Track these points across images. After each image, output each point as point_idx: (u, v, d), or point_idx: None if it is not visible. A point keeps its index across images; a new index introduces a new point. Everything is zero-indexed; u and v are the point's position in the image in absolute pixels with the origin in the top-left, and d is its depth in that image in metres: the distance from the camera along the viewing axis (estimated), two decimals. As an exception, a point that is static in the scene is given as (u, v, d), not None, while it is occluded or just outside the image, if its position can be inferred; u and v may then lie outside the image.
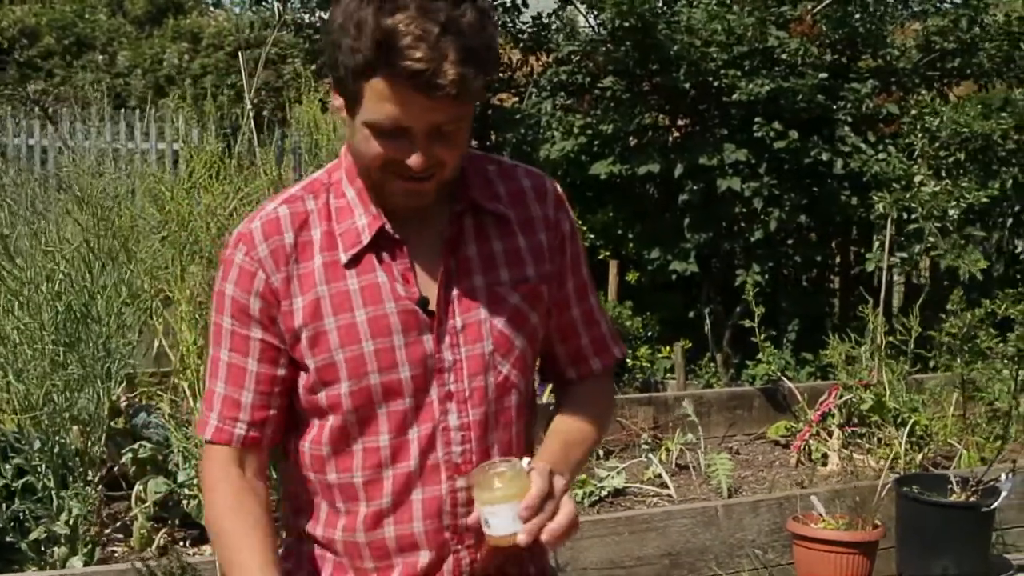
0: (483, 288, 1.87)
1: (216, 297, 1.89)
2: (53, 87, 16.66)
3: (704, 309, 8.05)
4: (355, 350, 1.81)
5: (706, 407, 6.34)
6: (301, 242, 1.85)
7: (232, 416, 1.86)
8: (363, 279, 1.83)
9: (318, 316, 1.82)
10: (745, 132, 7.63)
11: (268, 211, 1.89)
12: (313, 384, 1.84)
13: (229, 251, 1.88)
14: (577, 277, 2.02)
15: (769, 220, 7.67)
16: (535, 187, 1.97)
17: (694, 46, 7.50)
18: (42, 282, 3.70)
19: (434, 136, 1.72)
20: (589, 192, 8.27)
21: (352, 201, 1.87)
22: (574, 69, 8.32)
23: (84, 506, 3.85)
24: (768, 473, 5.81)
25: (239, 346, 1.86)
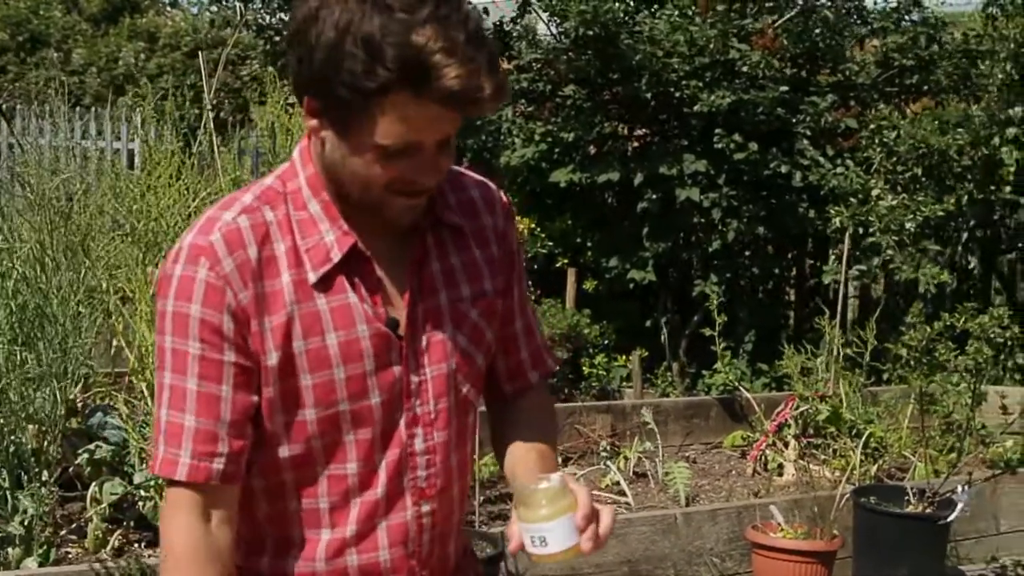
0: (446, 306, 1.78)
1: (172, 319, 1.66)
2: (7, 83, 16.47)
3: (661, 318, 8.08)
4: (325, 376, 1.69)
5: (663, 416, 6.36)
6: (266, 257, 1.68)
7: (209, 451, 1.66)
8: (333, 299, 1.70)
9: (288, 338, 1.67)
10: (705, 143, 7.68)
11: (226, 221, 1.69)
12: (274, 408, 1.69)
13: (183, 267, 1.66)
14: (520, 288, 1.94)
15: (727, 231, 7.71)
16: (484, 197, 1.87)
17: (656, 56, 7.54)
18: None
19: (441, 147, 1.64)
20: (548, 199, 8.28)
21: (316, 215, 1.71)
22: (535, 77, 8.34)
23: (40, 507, 3.79)
24: (725, 482, 5.84)
25: (211, 372, 1.66)
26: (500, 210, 1.88)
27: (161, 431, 1.67)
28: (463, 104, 1.56)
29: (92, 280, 4.16)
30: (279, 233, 1.69)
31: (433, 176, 1.65)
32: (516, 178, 8.21)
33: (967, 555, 5.24)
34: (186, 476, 1.65)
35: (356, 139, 1.60)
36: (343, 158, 1.64)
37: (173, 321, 1.65)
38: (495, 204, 1.88)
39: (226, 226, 1.67)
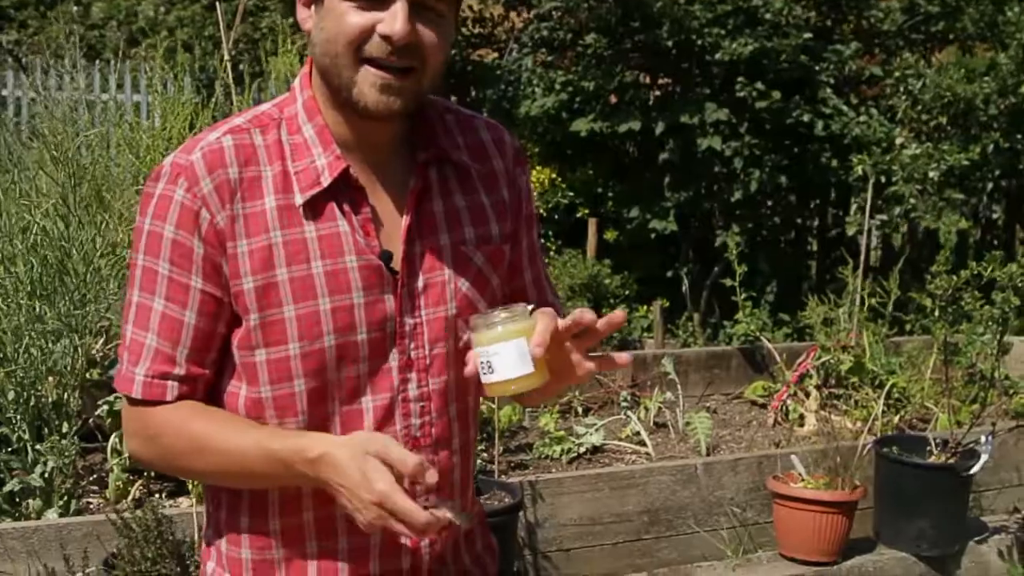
0: (448, 247, 1.71)
1: (146, 237, 1.62)
2: (27, 37, 16.44)
3: (682, 268, 8.04)
4: (309, 306, 1.62)
5: (684, 366, 6.33)
6: (248, 177, 1.63)
7: (163, 372, 1.63)
8: (322, 227, 1.63)
9: (269, 265, 1.61)
10: (727, 92, 7.61)
11: (209, 140, 1.64)
12: (252, 341, 1.63)
13: (163, 184, 1.62)
14: (529, 237, 1.87)
15: (749, 181, 7.65)
16: (495, 140, 1.81)
17: (677, 4, 7.45)
18: (16, 235, 3.61)
19: (417, 10, 1.58)
20: (569, 149, 8.24)
21: (310, 139, 1.66)
22: (555, 25, 8.26)
23: (60, 459, 3.79)
24: (745, 433, 5.81)
25: (176, 295, 1.62)
26: (511, 154, 1.82)
27: (125, 347, 1.66)
28: None
29: (111, 233, 4.15)
30: (267, 157, 1.65)
31: (401, 30, 1.56)
32: (536, 128, 8.16)
33: (989, 506, 5.20)
34: (141, 393, 1.63)
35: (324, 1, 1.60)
36: (322, 27, 1.61)
37: (147, 239, 1.62)
38: (506, 147, 1.82)
39: (208, 146, 1.63)
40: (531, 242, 1.87)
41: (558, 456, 5.20)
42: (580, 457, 5.26)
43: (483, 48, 10.15)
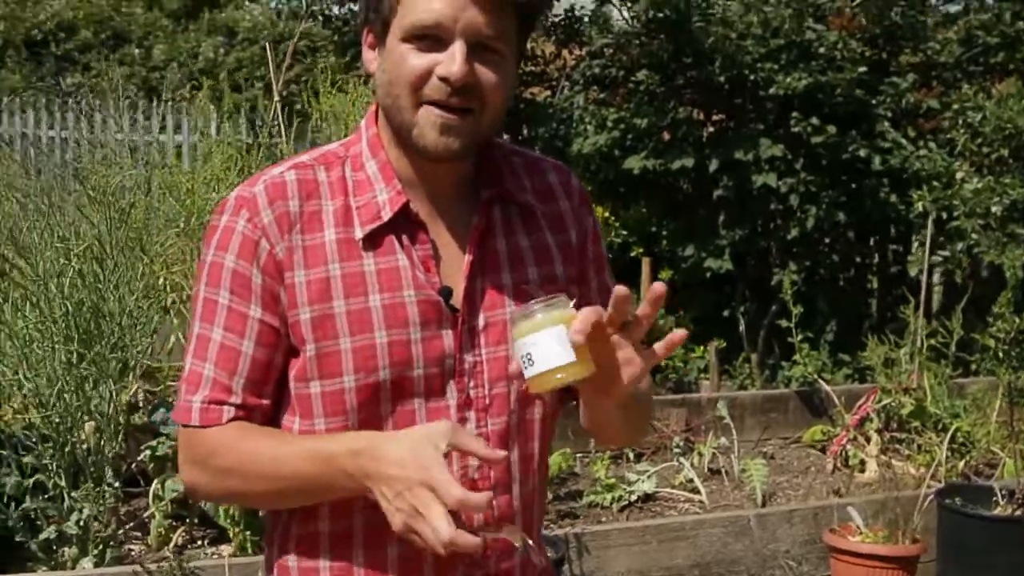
0: (510, 286, 1.69)
1: (209, 268, 1.65)
2: (89, 80, 16.68)
3: (739, 308, 7.87)
4: (365, 339, 1.61)
5: (740, 410, 6.18)
6: (308, 211, 1.64)
7: (219, 399, 1.63)
8: (381, 261, 1.64)
9: (326, 296, 1.61)
10: (782, 127, 7.46)
11: (273, 174, 1.68)
12: (308, 373, 1.62)
13: (227, 217, 1.65)
14: (600, 279, 1.83)
15: (806, 218, 7.48)
16: (562, 182, 1.81)
17: (729, 39, 7.33)
18: (52, 278, 3.58)
19: (476, 51, 1.58)
20: (622, 187, 8.12)
21: (373, 175, 1.67)
22: (607, 62, 8.17)
23: (95, 506, 3.75)
24: (803, 479, 5.64)
25: (235, 324, 1.63)
26: (577, 196, 1.81)
27: (184, 379, 1.66)
28: None
29: (150, 276, 4.11)
30: (329, 192, 1.66)
31: (460, 71, 1.56)
32: (589, 166, 8.06)
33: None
34: (198, 419, 1.63)
35: (390, 36, 1.60)
36: (385, 69, 1.62)
37: (209, 270, 1.65)
38: (572, 189, 1.81)
39: (271, 179, 1.66)
40: (602, 283, 1.83)
41: (608, 504, 5.08)
42: (631, 505, 5.13)
43: (536, 86, 10.09)
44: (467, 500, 1.44)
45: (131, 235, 3.88)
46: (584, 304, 1.74)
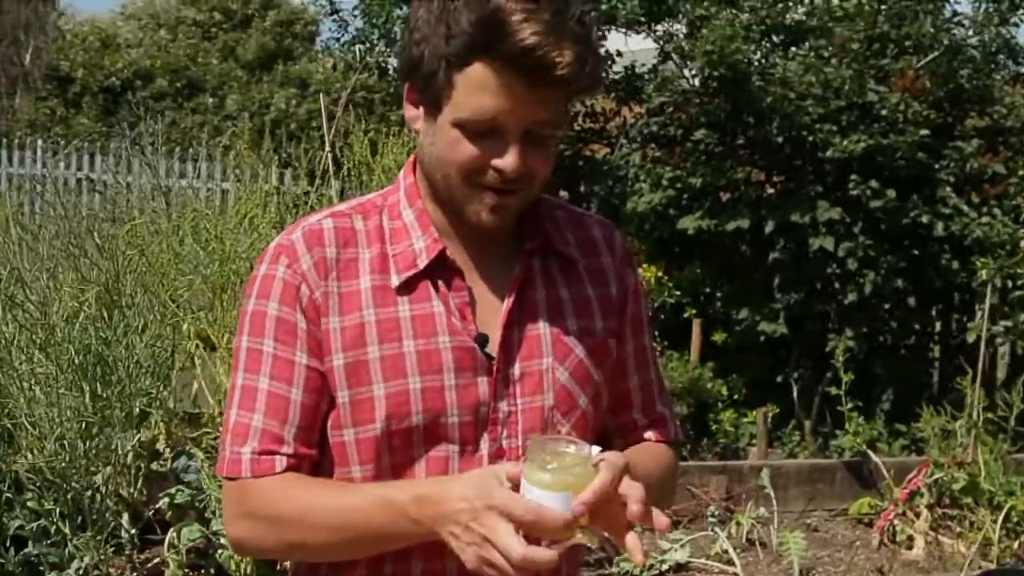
0: (548, 336, 1.67)
1: (250, 318, 1.64)
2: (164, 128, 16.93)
3: (792, 374, 7.65)
4: (399, 385, 1.60)
5: (784, 479, 5.97)
6: (345, 258, 1.64)
7: (271, 449, 1.60)
8: (416, 307, 1.63)
9: (360, 343, 1.60)
10: (840, 190, 7.28)
11: (311, 222, 1.68)
12: (342, 420, 1.61)
13: (267, 266, 1.65)
14: (638, 341, 1.80)
15: (864, 283, 7.27)
16: (605, 237, 1.79)
17: (788, 99, 7.19)
18: (59, 323, 3.54)
19: (529, 140, 1.56)
20: (676, 247, 7.97)
21: (410, 224, 1.67)
22: (666, 120, 8.06)
23: (96, 554, 3.66)
24: (846, 554, 5.41)
25: (282, 372, 1.61)
26: (620, 252, 1.80)
27: (228, 431, 1.63)
28: (537, 68, 1.50)
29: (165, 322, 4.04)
30: (366, 241, 1.66)
31: (515, 165, 1.56)
32: (643, 224, 7.93)
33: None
34: (250, 471, 1.59)
35: (442, 116, 1.57)
36: (432, 142, 1.61)
37: (251, 320, 1.64)
38: (615, 245, 1.80)
39: (309, 226, 1.66)
40: (640, 345, 1.81)
41: (639, 574, 4.90)
42: (662, 575, 4.94)
43: (595, 143, 10.02)
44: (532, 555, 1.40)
45: (147, 281, 3.83)
46: (619, 366, 1.76)
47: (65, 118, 17.02)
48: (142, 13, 20.14)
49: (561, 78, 1.51)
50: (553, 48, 1.49)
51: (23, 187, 6.35)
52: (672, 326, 7.91)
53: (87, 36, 18.82)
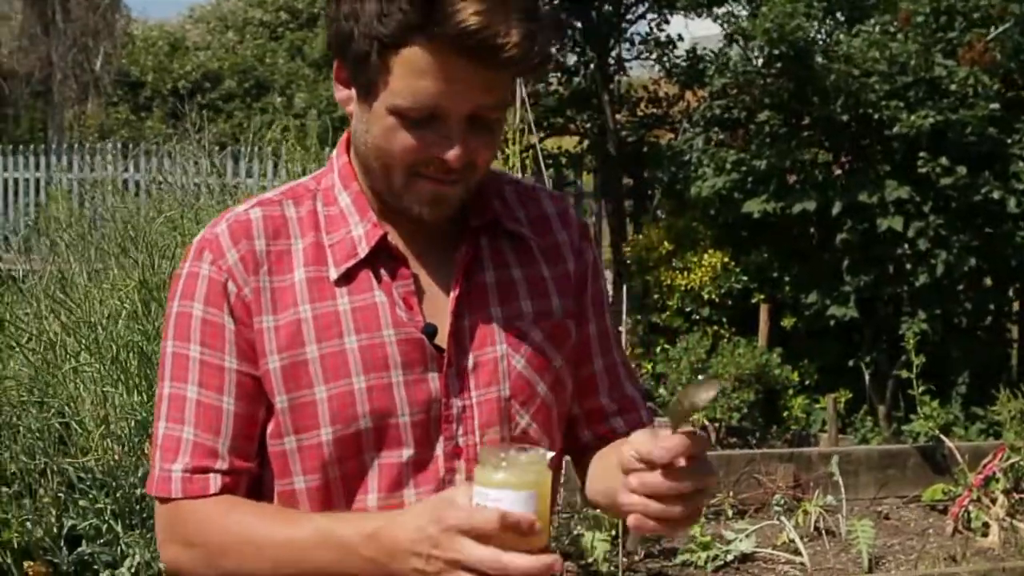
0: (500, 321, 1.54)
1: (175, 321, 1.50)
2: (232, 128, 17.08)
3: (864, 358, 7.47)
4: (342, 386, 1.46)
5: (855, 465, 5.82)
6: (275, 251, 1.50)
7: (204, 466, 1.46)
8: (356, 299, 1.49)
9: (297, 342, 1.46)
10: (909, 168, 7.08)
11: (236, 212, 1.54)
12: (282, 427, 1.47)
13: (190, 263, 1.51)
14: (600, 322, 1.66)
15: (936, 263, 7.07)
16: (559, 212, 1.65)
17: (853, 76, 7.01)
18: (100, 321, 3.52)
19: (472, 125, 1.43)
20: (742, 232, 7.83)
21: (346, 208, 1.53)
22: (729, 103, 7.91)
23: (148, 551, 3.64)
24: (919, 542, 5.26)
25: (211, 379, 1.47)
26: (576, 227, 1.66)
27: (157, 446, 1.49)
28: (481, 50, 1.36)
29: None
30: (299, 229, 1.52)
31: (458, 154, 1.42)
32: (708, 209, 7.81)
33: None
34: (180, 491, 1.46)
35: (377, 102, 1.43)
36: (367, 129, 1.46)
37: (176, 323, 1.50)
38: (570, 220, 1.66)
39: (235, 217, 1.52)
40: (603, 328, 1.67)
41: (703, 564, 4.81)
42: (727, 566, 4.85)
43: (658, 128, 9.90)
44: None
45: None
46: (582, 349, 1.63)
47: (133, 122, 17.24)
48: (210, 16, 20.35)
49: (508, 59, 1.38)
50: (498, 27, 1.36)
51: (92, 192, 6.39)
52: (740, 312, 7.77)
53: (156, 40, 19.07)
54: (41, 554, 3.86)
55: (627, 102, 10.02)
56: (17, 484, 3.81)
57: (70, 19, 15.41)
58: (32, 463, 3.77)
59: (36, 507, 3.83)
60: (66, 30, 15.42)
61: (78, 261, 3.94)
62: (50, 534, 3.83)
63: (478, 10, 1.34)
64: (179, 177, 5.62)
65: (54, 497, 3.82)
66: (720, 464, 5.61)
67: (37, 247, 5.33)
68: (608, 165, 9.57)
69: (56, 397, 3.64)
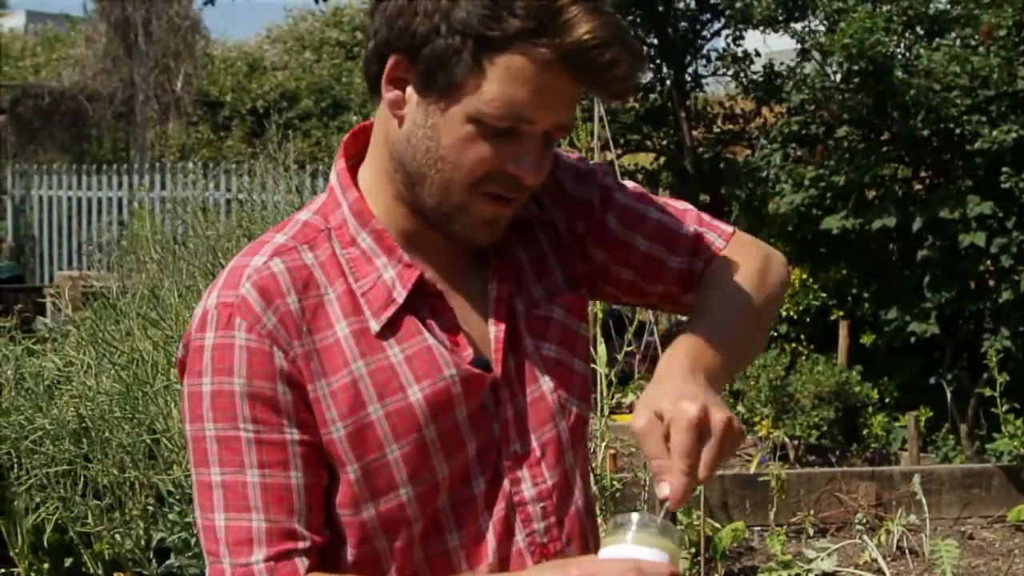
0: (522, 314, 1.47)
1: (210, 400, 1.35)
2: (309, 147, 17.29)
3: (946, 375, 7.37)
4: (414, 441, 1.38)
5: (937, 484, 5.74)
6: (309, 305, 1.37)
7: (287, 550, 1.34)
8: (407, 346, 1.39)
9: (359, 404, 1.36)
10: (991, 183, 6.99)
11: (256, 267, 1.38)
12: (357, 496, 1.38)
13: (215, 332, 1.35)
14: (616, 207, 1.56)
15: (1020, 279, 6.97)
16: (577, 175, 1.57)
17: (933, 91, 6.94)
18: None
19: (547, 143, 1.37)
20: (822, 248, 7.77)
21: (369, 248, 1.41)
22: (807, 119, 7.86)
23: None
24: (1004, 563, 5.17)
25: (273, 456, 1.34)
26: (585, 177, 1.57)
27: (220, 541, 1.34)
28: (592, 68, 1.30)
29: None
30: (325, 277, 1.39)
31: (535, 174, 1.36)
32: (786, 226, 7.76)
33: None
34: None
35: (457, 107, 1.32)
36: (429, 136, 1.34)
37: (212, 403, 1.34)
38: (587, 175, 1.57)
39: (256, 273, 1.36)
40: (623, 209, 1.56)
41: (784, 583, 4.76)
42: (808, 585, 4.79)
43: (735, 145, 9.87)
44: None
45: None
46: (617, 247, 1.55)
47: (213, 141, 17.51)
48: (287, 36, 20.63)
49: (614, 81, 1.32)
50: (613, 47, 1.30)
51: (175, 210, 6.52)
52: (819, 329, 7.71)
53: (235, 61, 19.38)
54: (130, 566, 3.95)
55: (703, 118, 10.00)
56: (108, 497, 3.90)
57: (152, 41, 15.73)
58: (122, 477, 3.85)
59: (125, 520, 3.91)
60: (148, 52, 15.73)
61: (168, 278, 4.01)
62: (139, 546, 3.91)
63: (595, 27, 1.28)
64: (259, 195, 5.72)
65: (143, 510, 3.91)
66: (800, 482, 5.58)
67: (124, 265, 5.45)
68: (684, 182, 9.55)
69: (146, 413, 3.72)
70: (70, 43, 19.70)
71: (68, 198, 13.30)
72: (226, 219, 5.24)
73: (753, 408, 6.70)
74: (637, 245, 1.56)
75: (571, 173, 1.57)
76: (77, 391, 3.75)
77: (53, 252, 13.40)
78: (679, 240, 1.58)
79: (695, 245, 1.58)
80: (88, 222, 13.17)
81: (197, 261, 3.98)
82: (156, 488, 3.86)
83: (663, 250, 1.57)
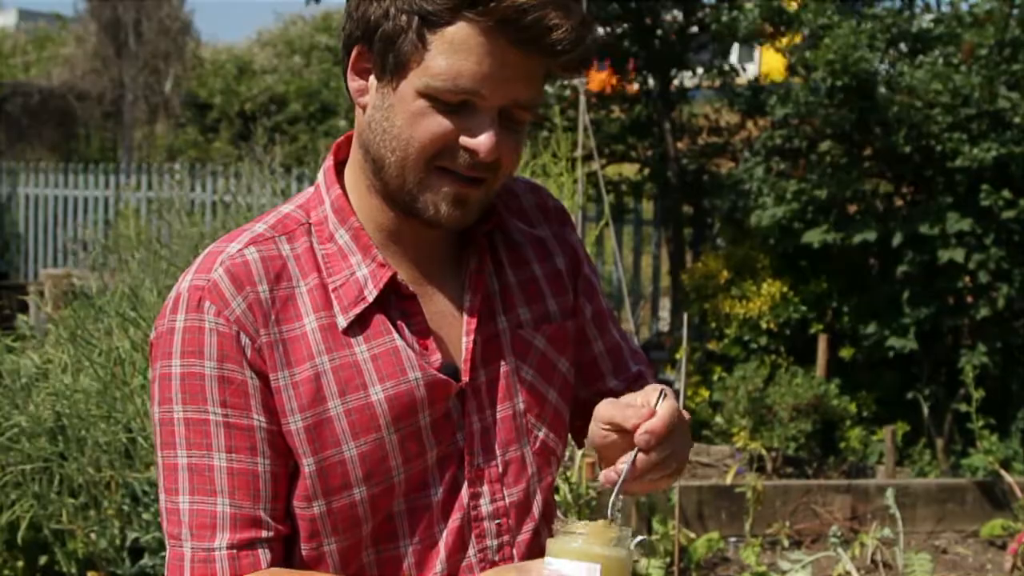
0: (506, 332, 1.49)
1: (179, 382, 1.36)
2: (296, 151, 17.31)
3: (923, 391, 7.42)
4: (372, 441, 1.38)
5: (912, 499, 5.78)
6: (280, 296, 1.38)
7: (250, 539, 1.36)
8: (374, 345, 1.40)
9: (320, 399, 1.37)
10: (971, 200, 7.05)
11: (230, 253, 1.40)
12: (311, 490, 1.38)
13: (185, 316, 1.37)
14: (595, 304, 1.62)
15: (997, 296, 7.03)
16: (539, 205, 1.60)
17: (915, 108, 7.00)
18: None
19: (503, 122, 1.37)
20: (802, 261, 7.82)
21: (346, 246, 1.42)
22: (791, 133, 7.92)
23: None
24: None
25: (241, 441, 1.35)
26: (555, 216, 1.61)
27: (183, 524, 1.36)
28: (532, 33, 1.31)
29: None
30: (299, 270, 1.41)
31: (491, 145, 1.35)
32: (767, 239, 7.80)
33: None
34: (229, 571, 1.35)
35: (405, 82, 1.35)
36: (386, 116, 1.37)
37: (181, 385, 1.36)
38: (549, 211, 1.61)
39: (230, 259, 1.39)
40: (598, 309, 1.63)
41: (756, 593, 4.79)
42: (781, 596, 4.82)
43: (719, 157, 9.91)
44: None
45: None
46: (580, 335, 1.60)
47: (200, 143, 17.51)
48: (277, 40, 20.64)
49: (555, 45, 1.32)
50: (553, 11, 1.31)
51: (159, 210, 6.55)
52: (798, 342, 7.75)
53: (224, 64, 19.38)
54: (104, 565, 3.96)
55: (688, 130, 10.04)
56: (83, 496, 3.91)
57: (142, 42, 15.74)
58: (98, 475, 3.86)
59: (101, 519, 3.92)
60: (138, 53, 15.74)
61: (149, 278, 4.03)
62: (113, 545, 3.92)
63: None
64: (244, 197, 5.74)
65: (118, 509, 3.92)
66: (777, 494, 5.61)
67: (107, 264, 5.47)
68: (668, 193, 9.59)
69: (123, 412, 3.73)
70: (60, 42, 19.71)
71: (55, 196, 13.27)
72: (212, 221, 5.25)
73: (731, 419, 6.75)
74: (593, 344, 1.64)
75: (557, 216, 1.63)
76: (55, 389, 3.76)
77: (39, 250, 13.37)
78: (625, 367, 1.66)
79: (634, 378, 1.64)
80: (74, 221, 13.16)
81: (179, 261, 3.99)
82: (131, 487, 3.86)
83: (608, 368, 1.64)
